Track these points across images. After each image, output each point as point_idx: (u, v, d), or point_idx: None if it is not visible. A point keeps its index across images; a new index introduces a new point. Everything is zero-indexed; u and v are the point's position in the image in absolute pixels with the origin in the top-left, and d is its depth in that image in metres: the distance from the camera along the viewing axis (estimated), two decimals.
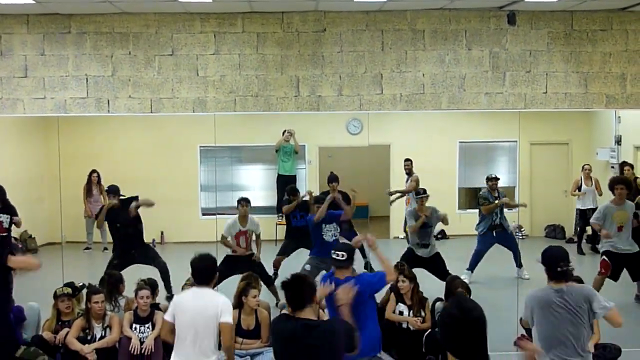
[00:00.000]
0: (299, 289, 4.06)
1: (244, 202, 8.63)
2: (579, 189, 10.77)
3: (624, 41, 7.31)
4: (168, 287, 8.35)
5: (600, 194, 10.65)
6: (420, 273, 7.41)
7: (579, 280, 7.15)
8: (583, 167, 10.90)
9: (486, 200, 9.64)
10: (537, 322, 4.64)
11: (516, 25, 7.17)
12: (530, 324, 4.73)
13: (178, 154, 12.38)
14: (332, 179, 9.85)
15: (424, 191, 8.80)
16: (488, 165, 13.49)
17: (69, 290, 6.79)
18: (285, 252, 9.32)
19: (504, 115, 8.68)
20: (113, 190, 8.59)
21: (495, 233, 9.61)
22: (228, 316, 4.87)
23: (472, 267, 9.52)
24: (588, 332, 4.64)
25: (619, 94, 7.35)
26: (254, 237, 8.70)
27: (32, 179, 11.50)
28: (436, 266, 8.62)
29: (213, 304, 4.84)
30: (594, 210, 10.28)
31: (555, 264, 4.57)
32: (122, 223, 8.44)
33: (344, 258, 5.41)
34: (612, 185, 8.30)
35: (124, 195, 8.57)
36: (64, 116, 7.20)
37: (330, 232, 8.33)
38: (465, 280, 8.60)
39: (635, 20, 7.29)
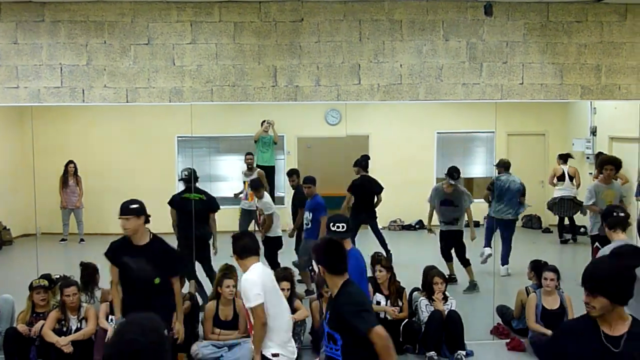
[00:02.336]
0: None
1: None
2: (559, 177, 10.89)
3: (599, 33, 7.39)
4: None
5: (578, 186, 10.77)
6: (397, 263, 7.45)
7: (555, 270, 7.27)
8: (560, 155, 11.06)
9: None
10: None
11: (493, 17, 7.19)
12: None
13: (155, 144, 12.24)
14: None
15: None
16: (466, 156, 13.58)
17: (45, 282, 6.73)
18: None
19: (481, 106, 8.69)
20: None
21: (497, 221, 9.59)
22: None
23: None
24: None
25: (594, 85, 7.43)
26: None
27: (5, 170, 11.32)
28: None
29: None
30: (572, 199, 10.40)
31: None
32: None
33: (344, 229, 5.29)
34: (602, 165, 8.27)
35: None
36: (37, 106, 7.09)
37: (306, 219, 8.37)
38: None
39: (610, 12, 7.37)
